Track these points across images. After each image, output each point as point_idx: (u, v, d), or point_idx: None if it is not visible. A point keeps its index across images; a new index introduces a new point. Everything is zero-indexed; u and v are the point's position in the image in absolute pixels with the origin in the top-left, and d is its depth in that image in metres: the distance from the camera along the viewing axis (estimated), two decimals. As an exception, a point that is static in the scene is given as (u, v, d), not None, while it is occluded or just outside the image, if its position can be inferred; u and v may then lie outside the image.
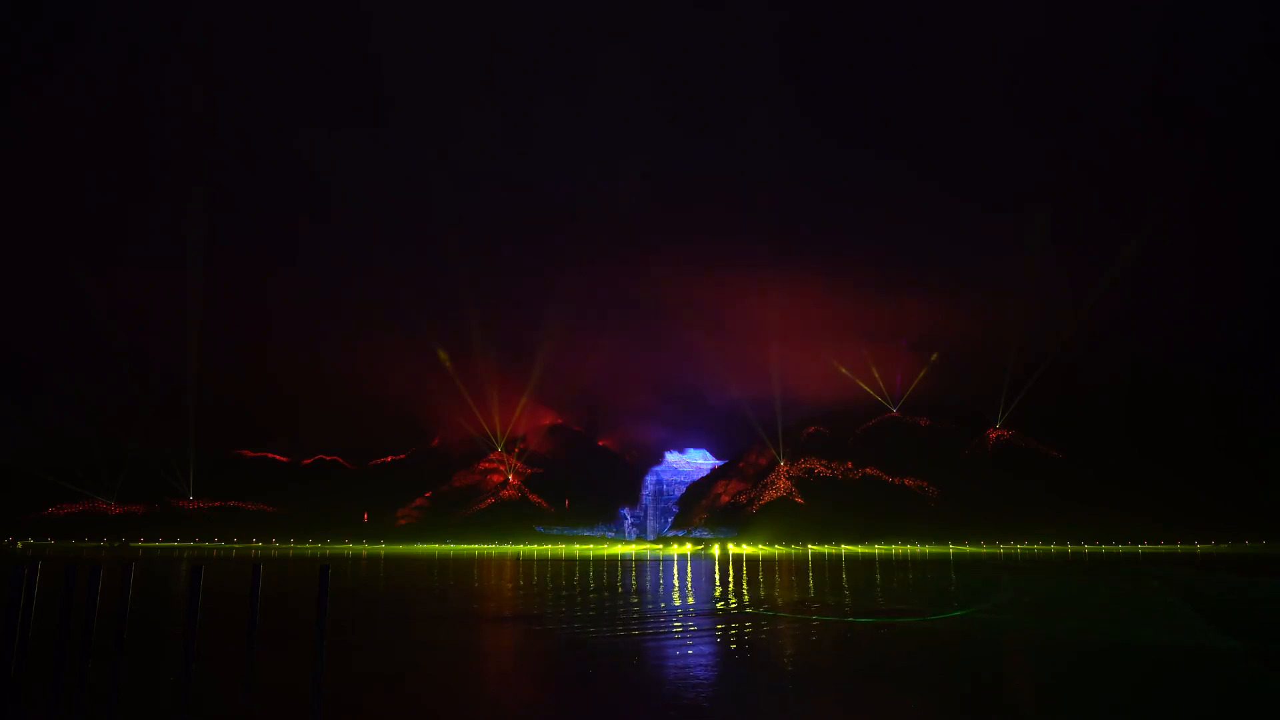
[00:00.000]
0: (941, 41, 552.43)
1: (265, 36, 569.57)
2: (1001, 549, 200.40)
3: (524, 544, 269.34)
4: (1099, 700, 17.43)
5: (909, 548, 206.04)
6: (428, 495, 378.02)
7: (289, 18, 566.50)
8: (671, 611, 35.56)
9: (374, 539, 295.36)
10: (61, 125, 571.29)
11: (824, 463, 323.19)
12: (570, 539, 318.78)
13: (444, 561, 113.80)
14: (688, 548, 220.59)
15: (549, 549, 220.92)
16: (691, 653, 23.32)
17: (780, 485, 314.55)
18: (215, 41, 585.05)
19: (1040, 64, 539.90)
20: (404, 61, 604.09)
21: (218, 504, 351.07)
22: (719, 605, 38.94)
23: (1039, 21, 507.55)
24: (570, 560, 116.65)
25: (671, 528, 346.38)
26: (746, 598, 42.94)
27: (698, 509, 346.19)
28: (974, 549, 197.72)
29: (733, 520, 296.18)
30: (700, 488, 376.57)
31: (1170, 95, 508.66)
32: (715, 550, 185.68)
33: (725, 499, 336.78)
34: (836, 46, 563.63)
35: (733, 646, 24.88)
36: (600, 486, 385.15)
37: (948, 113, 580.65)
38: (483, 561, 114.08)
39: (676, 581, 58.94)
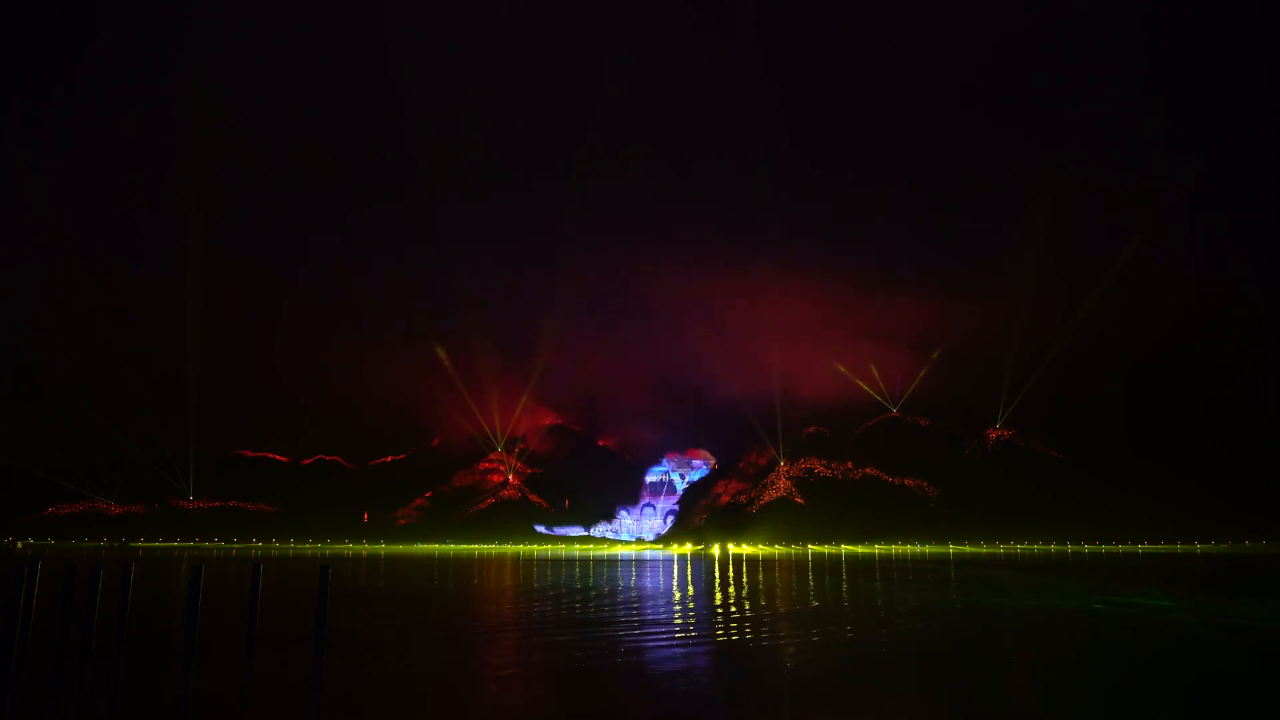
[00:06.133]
0: (932, 41, 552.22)
1: (270, 39, 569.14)
2: (1001, 549, 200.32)
3: (524, 544, 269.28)
4: None
5: (909, 548, 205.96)
6: (428, 495, 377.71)
7: (295, 21, 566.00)
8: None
9: (374, 539, 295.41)
10: (63, 125, 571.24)
11: (824, 463, 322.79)
12: (570, 539, 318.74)
13: (444, 561, 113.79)
14: (688, 547, 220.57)
15: (549, 549, 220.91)
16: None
17: (780, 485, 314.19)
18: (218, 44, 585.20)
19: (1033, 62, 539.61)
20: (408, 68, 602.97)
21: (218, 504, 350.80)
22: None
23: (1030, 19, 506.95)
24: (570, 560, 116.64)
25: (671, 528, 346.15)
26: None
27: (697, 509, 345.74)
28: (974, 549, 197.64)
29: (733, 520, 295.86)
30: (700, 488, 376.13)
31: (1166, 91, 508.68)
32: (715, 550, 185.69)
33: (725, 499, 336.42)
34: (830, 47, 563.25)
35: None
36: (600, 486, 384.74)
37: (943, 114, 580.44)
38: (483, 561, 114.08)
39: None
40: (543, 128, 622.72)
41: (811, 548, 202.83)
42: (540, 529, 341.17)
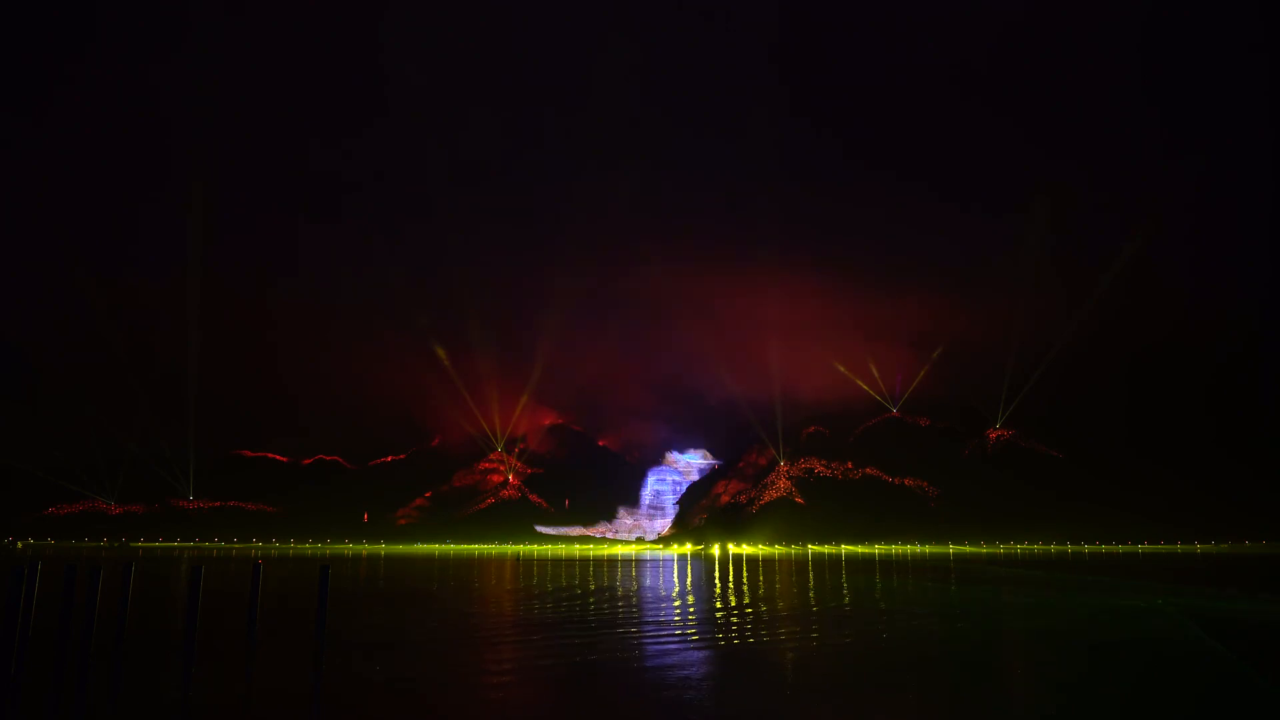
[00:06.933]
0: (933, 40, 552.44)
1: (267, 39, 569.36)
2: (1001, 549, 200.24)
3: (524, 544, 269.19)
4: None
5: (909, 548, 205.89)
6: (428, 495, 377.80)
7: (292, 22, 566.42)
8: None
9: (374, 539, 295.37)
10: (63, 127, 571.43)
11: (824, 463, 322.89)
12: (570, 539, 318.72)
13: (444, 562, 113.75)
14: (688, 548, 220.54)
15: (549, 549, 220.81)
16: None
17: (780, 485, 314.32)
18: (218, 45, 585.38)
19: (1033, 60, 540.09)
20: (405, 64, 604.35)
21: (218, 504, 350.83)
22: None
23: (1030, 17, 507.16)
24: (570, 560, 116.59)
25: (671, 528, 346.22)
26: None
27: (697, 509, 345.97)
28: (974, 549, 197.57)
29: (733, 520, 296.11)
30: (700, 488, 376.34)
31: (1166, 92, 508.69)
32: (715, 550, 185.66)
33: (725, 499, 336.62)
34: (830, 47, 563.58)
35: None
36: (600, 486, 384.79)
37: (943, 113, 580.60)
38: (483, 562, 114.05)
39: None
40: (541, 123, 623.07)
41: (811, 548, 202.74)
42: (540, 529, 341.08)
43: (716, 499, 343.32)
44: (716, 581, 58.99)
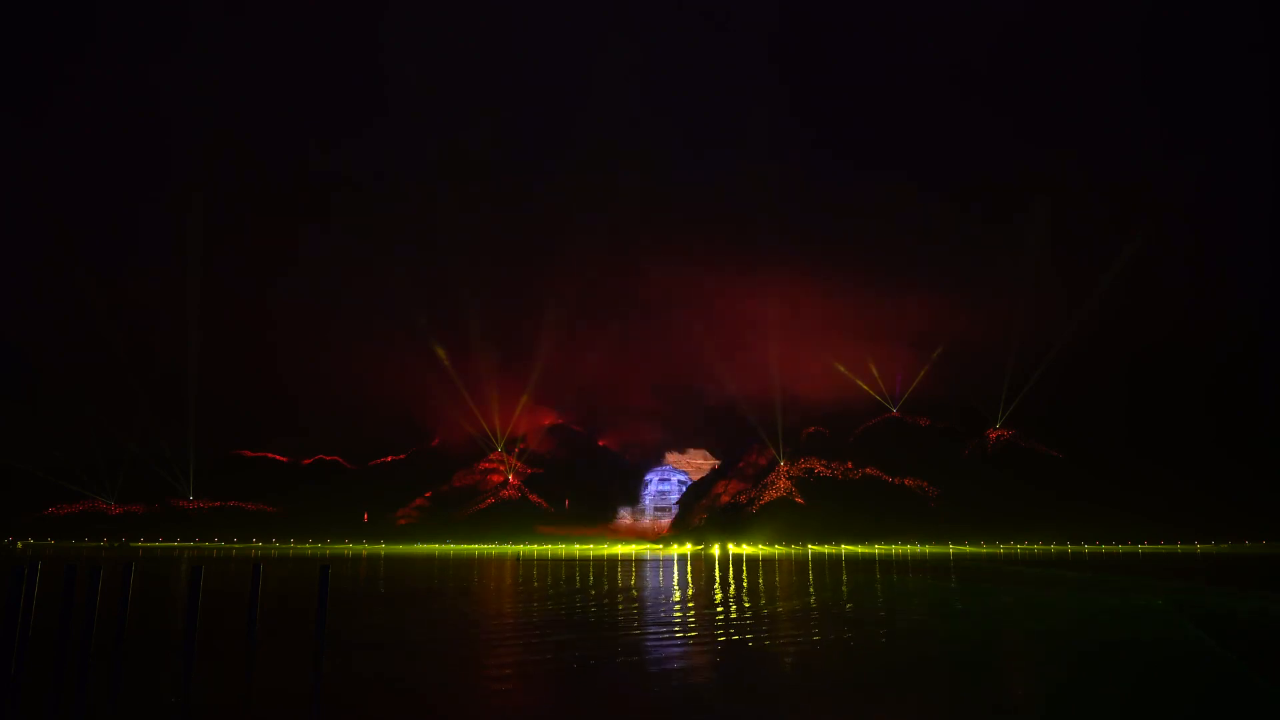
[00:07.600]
0: (933, 40, 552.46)
1: (267, 39, 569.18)
2: (1001, 549, 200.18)
3: (524, 544, 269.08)
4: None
5: (909, 548, 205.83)
6: (428, 495, 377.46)
7: (292, 21, 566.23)
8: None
9: (374, 539, 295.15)
10: (63, 127, 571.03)
11: (824, 463, 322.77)
12: (570, 539, 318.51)
13: (444, 562, 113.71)
14: (688, 548, 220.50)
15: (549, 549, 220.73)
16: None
17: (780, 485, 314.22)
18: (218, 45, 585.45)
19: (1033, 60, 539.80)
20: (405, 66, 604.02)
21: (218, 504, 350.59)
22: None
23: (1030, 17, 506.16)
24: (570, 561, 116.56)
25: (671, 528, 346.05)
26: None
27: (698, 509, 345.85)
28: (974, 549, 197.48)
29: (733, 520, 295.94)
30: (700, 488, 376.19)
31: (1167, 92, 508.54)
32: (715, 550, 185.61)
33: (725, 499, 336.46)
34: (830, 47, 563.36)
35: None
36: (600, 486, 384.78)
37: (943, 113, 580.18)
38: (482, 562, 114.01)
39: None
40: (541, 123, 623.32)
41: (811, 548, 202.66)
42: (540, 529, 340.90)
43: (716, 499, 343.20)
44: (717, 582, 58.97)
